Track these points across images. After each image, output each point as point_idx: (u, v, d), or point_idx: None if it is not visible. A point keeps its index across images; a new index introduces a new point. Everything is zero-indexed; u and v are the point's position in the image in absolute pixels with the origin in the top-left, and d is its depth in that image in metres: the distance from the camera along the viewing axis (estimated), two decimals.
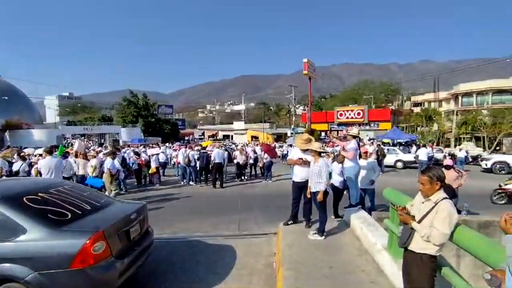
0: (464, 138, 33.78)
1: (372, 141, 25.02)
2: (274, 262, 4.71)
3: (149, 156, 13.58)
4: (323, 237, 4.97)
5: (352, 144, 6.20)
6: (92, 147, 24.64)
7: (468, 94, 44.57)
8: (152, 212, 7.94)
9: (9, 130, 37.23)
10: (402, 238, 2.56)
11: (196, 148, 13.57)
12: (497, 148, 29.00)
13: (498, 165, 16.74)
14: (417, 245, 2.48)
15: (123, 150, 16.34)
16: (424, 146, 18.37)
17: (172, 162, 16.02)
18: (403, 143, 25.29)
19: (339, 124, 41.11)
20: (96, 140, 44.27)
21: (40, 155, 12.37)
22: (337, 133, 38.26)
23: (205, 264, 4.73)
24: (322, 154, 5.14)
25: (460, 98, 45.51)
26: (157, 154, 13.65)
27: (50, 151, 7.43)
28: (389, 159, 18.20)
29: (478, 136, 31.88)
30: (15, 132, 37.32)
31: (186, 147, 15.25)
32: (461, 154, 18.42)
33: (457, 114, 39.81)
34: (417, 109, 50.52)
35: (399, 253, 3.19)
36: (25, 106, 55.39)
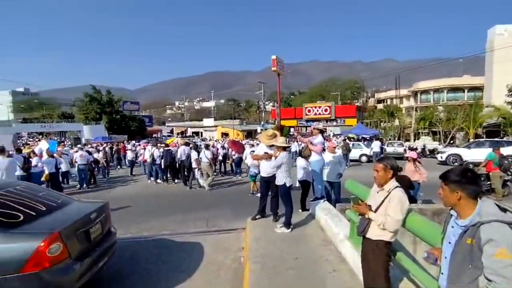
0: (422, 132, 35.95)
1: (337, 136, 25.94)
2: (242, 256, 4.74)
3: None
4: (290, 229, 5.08)
5: (319, 138, 6.38)
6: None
7: (426, 91, 47.43)
8: (117, 212, 7.70)
9: None
10: (360, 227, 2.69)
11: (160, 145, 13.21)
12: (451, 142, 31.16)
13: (452, 158, 18.01)
14: (373, 233, 2.61)
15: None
16: (377, 139, 20.90)
17: (139, 160, 15.55)
18: (368, 138, 26.45)
19: (308, 120, 41.97)
20: (56, 138, 41.71)
21: None
22: (306, 129, 39.14)
23: (171, 263, 4.65)
24: (286, 149, 5.28)
25: (419, 95, 48.34)
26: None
27: (1, 150, 6.89)
28: (354, 154, 18.95)
29: (434, 130, 34.06)
30: None
31: (152, 145, 14.85)
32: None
33: (416, 110, 42.27)
34: (380, 106, 52.92)
35: (359, 241, 3.35)
36: None
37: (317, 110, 41.92)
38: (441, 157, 18.47)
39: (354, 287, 3.30)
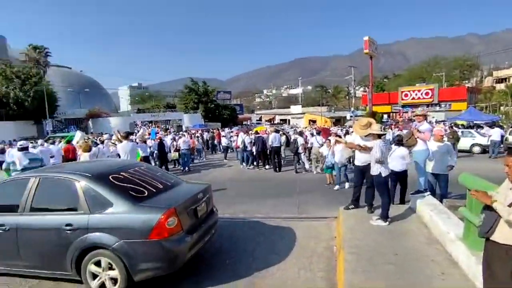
0: None
1: (440, 123, 22.86)
2: (335, 246, 4.68)
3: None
4: (387, 223, 4.77)
5: (426, 125, 5.76)
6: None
7: None
8: (214, 193, 8.39)
9: (91, 119, 42.26)
10: (484, 226, 2.28)
11: (251, 133, 13.88)
12: None
13: None
14: (502, 235, 2.18)
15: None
16: (497, 126, 18.02)
17: (232, 146, 16.66)
18: (481, 125, 22.53)
19: (404, 106, 38.06)
20: (163, 126, 47.67)
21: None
22: (401, 115, 35.64)
23: (265, 244, 4.89)
24: (381, 136, 4.97)
25: None
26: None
27: (126, 136, 8.24)
28: (464, 143, 16.36)
29: None
30: (96, 120, 42.24)
31: (244, 132, 15.68)
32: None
33: None
34: (501, 86, 44.22)
35: (477, 244, 2.92)
36: (103, 96, 62.16)
37: (416, 94, 37.60)
38: None
39: None
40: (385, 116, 38.94)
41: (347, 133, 15.63)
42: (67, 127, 38.02)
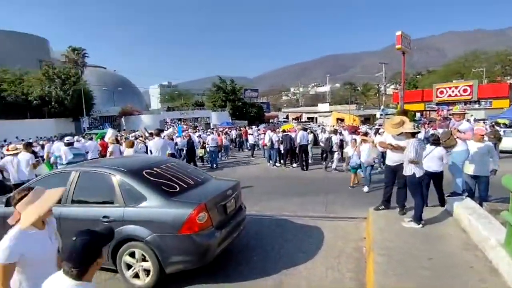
0: None
1: (480, 122, 21.51)
2: (364, 247, 4.58)
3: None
4: (420, 225, 4.58)
5: (467, 124, 5.47)
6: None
7: None
8: (242, 190, 8.52)
9: (124, 116, 44.09)
10: None
11: (278, 131, 13.88)
12: None
13: None
14: None
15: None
16: None
17: (259, 144, 16.72)
18: None
19: (439, 104, 36.15)
20: (191, 124, 48.73)
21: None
22: (439, 113, 33.99)
23: (292, 242, 4.89)
24: (415, 135, 4.79)
25: None
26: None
27: (158, 133, 8.53)
28: (506, 143, 15.28)
29: None
30: (128, 118, 44.00)
31: (271, 130, 15.65)
32: None
33: None
34: None
35: None
36: (135, 95, 64.61)
37: (453, 91, 35.54)
38: None
39: None
40: (418, 114, 37.29)
41: (377, 132, 15.13)
42: (102, 124, 39.96)
